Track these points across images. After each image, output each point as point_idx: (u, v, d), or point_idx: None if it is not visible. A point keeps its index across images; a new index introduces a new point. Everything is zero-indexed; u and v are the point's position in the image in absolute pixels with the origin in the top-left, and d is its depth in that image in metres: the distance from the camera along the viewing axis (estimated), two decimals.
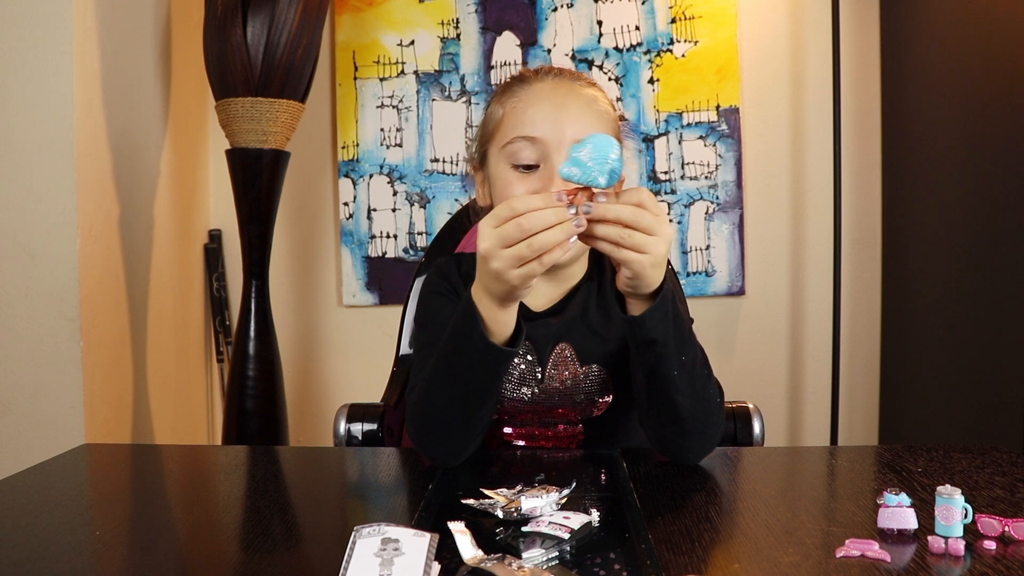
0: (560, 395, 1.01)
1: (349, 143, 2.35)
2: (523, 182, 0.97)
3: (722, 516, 0.73)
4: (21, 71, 1.65)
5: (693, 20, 2.30)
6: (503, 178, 0.99)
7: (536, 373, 1.01)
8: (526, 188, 0.96)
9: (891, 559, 0.61)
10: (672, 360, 0.85)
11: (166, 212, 2.11)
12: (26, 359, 1.67)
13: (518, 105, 0.99)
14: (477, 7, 2.32)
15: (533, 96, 0.99)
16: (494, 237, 0.77)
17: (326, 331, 2.41)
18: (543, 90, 1.00)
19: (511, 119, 0.99)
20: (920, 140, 2.09)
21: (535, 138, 0.96)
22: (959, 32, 1.91)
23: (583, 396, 1.01)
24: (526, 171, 0.97)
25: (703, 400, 0.88)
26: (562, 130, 0.96)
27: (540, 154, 0.96)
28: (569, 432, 1.02)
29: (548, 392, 1.01)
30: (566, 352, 1.02)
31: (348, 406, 1.17)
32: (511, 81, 1.04)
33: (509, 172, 0.98)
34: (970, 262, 1.85)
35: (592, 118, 0.98)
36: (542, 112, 0.97)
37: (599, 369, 1.01)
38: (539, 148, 0.96)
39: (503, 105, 1.02)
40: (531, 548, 0.64)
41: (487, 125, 1.04)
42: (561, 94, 0.99)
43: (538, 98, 0.99)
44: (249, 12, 1.87)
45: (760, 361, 2.35)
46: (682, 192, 2.31)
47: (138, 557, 0.66)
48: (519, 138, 0.97)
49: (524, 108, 0.98)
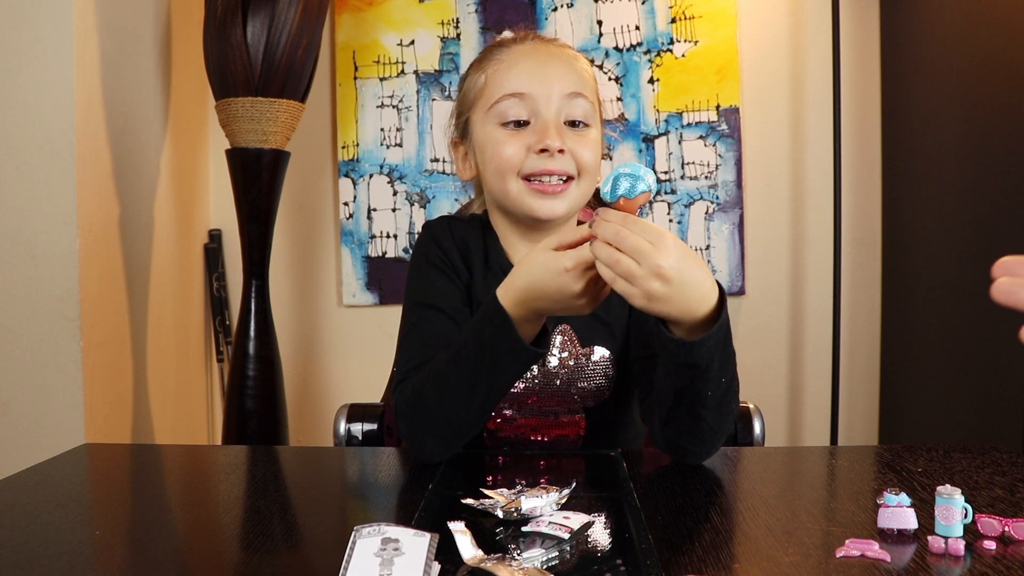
0: (562, 379, 1.00)
1: (349, 143, 2.35)
2: (515, 138, 0.97)
3: (722, 516, 0.73)
4: (21, 71, 1.65)
5: (693, 20, 2.30)
6: (493, 138, 0.98)
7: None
8: (520, 142, 0.96)
9: (891, 559, 0.61)
10: (711, 383, 0.82)
11: (166, 212, 2.11)
12: (26, 359, 1.67)
13: (500, 67, 0.99)
14: (477, 7, 2.32)
15: (516, 56, 1.00)
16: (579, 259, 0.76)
17: (326, 331, 2.41)
18: (525, 50, 1.00)
19: (495, 80, 0.99)
20: (920, 140, 2.09)
21: (524, 93, 0.96)
22: (959, 32, 1.91)
23: (584, 383, 1.00)
24: (516, 128, 0.97)
25: (727, 415, 0.86)
26: (549, 85, 0.96)
27: (530, 110, 0.97)
28: (571, 421, 1.02)
29: (549, 376, 1.00)
30: (567, 334, 1.01)
31: (348, 406, 1.17)
32: (489, 48, 1.05)
33: (498, 131, 0.98)
34: (970, 262, 1.85)
35: (576, 76, 0.99)
36: (527, 68, 0.98)
37: (600, 354, 1.00)
38: (528, 104, 0.97)
39: (484, 70, 1.02)
40: (531, 548, 0.64)
41: (468, 94, 1.04)
42: (543, 52, 1.00)
43: (521, 57, 1.00)
44: (249, 12, 1.87)
45: (760, 361, 2.35)
46: (682, 192, 2.31)
47: (138, 557, 0.66)
48: (507, 96, 0.97)
49: (508, 68, 0.99)
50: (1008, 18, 1.69)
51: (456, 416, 0.88)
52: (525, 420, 1.01)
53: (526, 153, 0.96)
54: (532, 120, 0.97)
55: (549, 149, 0.94)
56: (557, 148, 0.94)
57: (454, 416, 0.88)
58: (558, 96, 0.97)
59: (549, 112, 0.96)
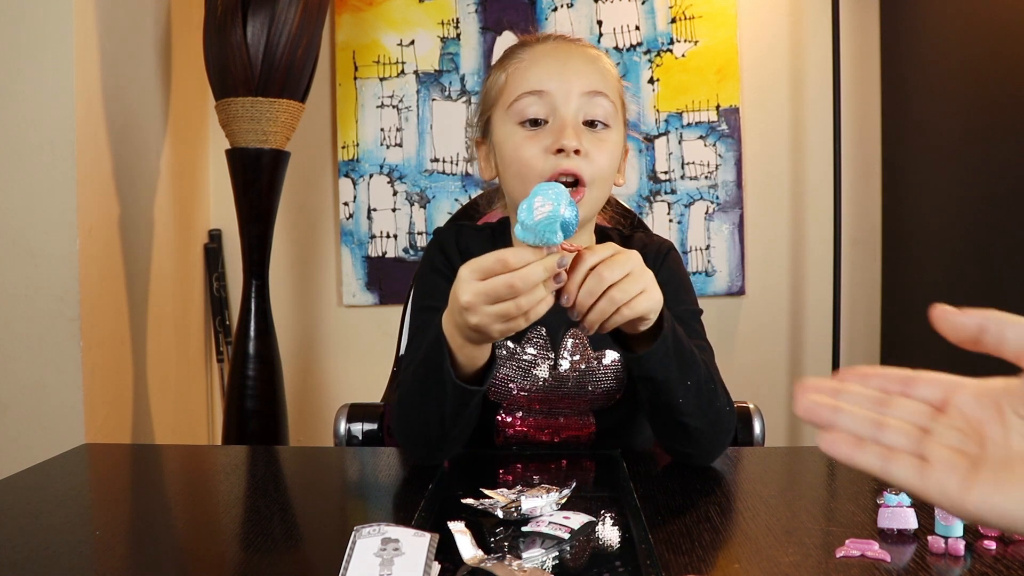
0: (573, 382, 1.00)
1: (349, 143, 2.35)
2: (533, 140, 0.95)
3: (722, 516, 0.73)
4: (21, 71, 1.65)
5: (693, 20, 2.30)
6: (511, 138, 0.97)
7: (549, 357, 1.00)
8: (537, 143, 0.95)
9: (891, 559, 0.61)
10: (675, 390, 0.84)
11: (166, 212, 2.11)
12: (26, 359, 1.67)
13: (521, 65, 0.99)
14: (477, 7, 2.32)
15: (537, 55, 0.99)
16: (479, 292, 0.73)
17: (326, 331, 2.41)
18: (546, 49, 0.99)
19: (515, 79, 0.98)
20: (920, 140, 2.09)
21: (542, 91, 0.95)
22: (959, 32, 1.91)
23: (595, 386, 1.00)
24: (534, 127, 0.96)
25: (711, 414, 0.87)
26: (569, 82, 0.95)
27: (548, 108, 0.95)
28: (581, 423, 1.02)
29: (560, 379, 1.00)
30: (579, 337, 1.01)
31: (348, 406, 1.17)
32: (512, 48, 1.04)
33: (517, 131, 0.97)
34: (970, 262, 1.85)
35: (597, 75, 0.98)
36: (547, 67, 0.97)
37: (612, 357, 1.00)
38: (547, 102, 0.95)
39: (506, 69, 1.01)
40: (531, 548, 0.64)
41: (490, 92, 1.03)
42: (565, 51, 0.99)
43: (542, 55, 0.99)
44: (249, 12, 1.87)
45: (760, 361, 2.35)
46: (682, 192, 2.31)
47: (138, 557, 0.66)
48: (526, 93, 0.96)
49: (528, 66, 0.98)
50: (1008, 18, 1.69)
51: (427, 431, 0.87)
52: (535, 421, 1.01)
53: (544, 156, 0.94)
54: (550, 119, 0.95)
55: (565, 149, 0.92)
56: (573, 148, 0.92)
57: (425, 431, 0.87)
58: (577, 94, 0.95)
59: (567, 111, 0.95)
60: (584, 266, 0.76)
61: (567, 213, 0.71)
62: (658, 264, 1.03)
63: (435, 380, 0.83)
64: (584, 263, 0.76)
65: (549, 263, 0.72)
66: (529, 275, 0.71)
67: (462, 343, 0.80)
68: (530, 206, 0.72)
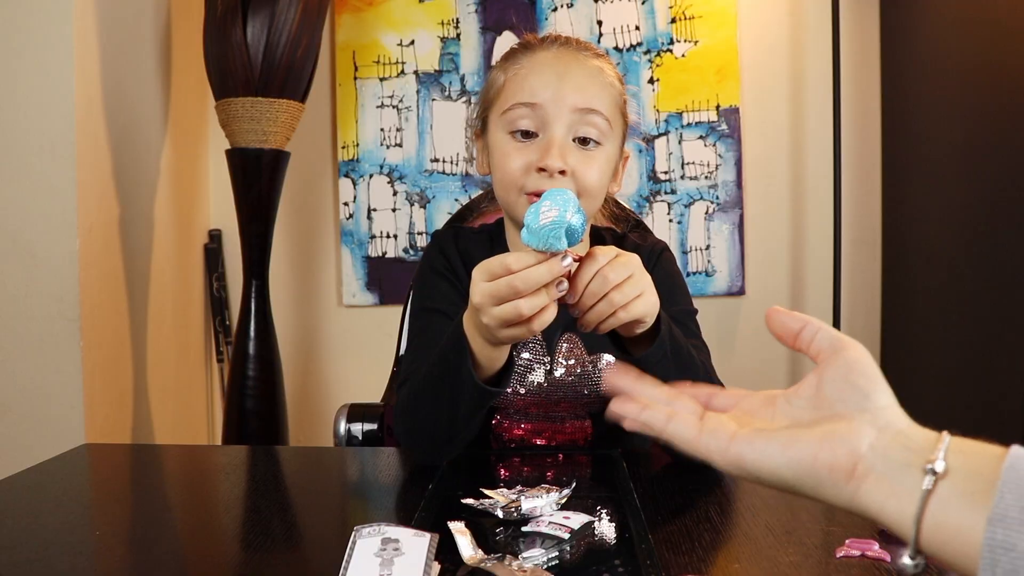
0: (568, 386, 1.00)
1: (349, 143, 2.35)
2: (520, 152, 0.95)
3: (722, 516, 0.73)
4: (21, 71, 1.65)
5: (693, 20, 2.30)
6: (501, 147, 0.97)
7: (544, 361, 1.00)
8: (523, 158, 0.94)
9: (891, 559, 0.61)
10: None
11: (166, 212, 2.11)
12: (26, 359, 1.67)
13: (519, 72, 0.97)
14: (477, 7, 2.32)
15: (535, 63, 0.97)
16: (485, 293, 0.73)
17: (326, 331, 2.41)
18: (546, 58, 0.98)
19: (512, 86, 0.97)
20: (920, 140, 2.09)
21: (535, 104, 0.94)
22: (959, 32, 1.90)
23: (590, 389, 1.00)
24: (524, 139, 0.95)
25: None
26: (563, 98, 0.94)
27: (539, 122, 0.94)
28: (577, 427, 1.01)
29: (555, 384, 1.00)
30: (573, 341, 1.01)
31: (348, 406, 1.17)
32: (516, 47, 1.02)
33: (507, 141, 0.96)
34: (970, 262, 1.85)
35: (596, 89, 0.96)
36: (543, 79, 0.95)
37: (607, 361, 1.00)
38: (538, 115, 0.94)
39: (505, 72, 1.00)
40: (531, 548, 0.64)
41: (489, 91, 1.02)
42: (564, 63, 0.97)
43: (541, 65, 0.97)
44: (249, 12, 1.87)
45: (760, 361, 2.35)
46: (682, 192, 2.31)
47: (138, 557, 0.66)
48: (518, 104, 0.95)
49: (525, 75, 0.96)
50: (1008, 18, 1.69)
51: (435, 430, 0.88)
52: (532, 425, 1.01)
53: (527, 172, 0.94)
54: (540, 133, 0.94)
55: (548, 169, 0.92)
56: (557, 169, 0.92)
57: (434, 430, 0.88)
58: (570, 110, 0.93)
59: (558, 128, 0.93)
60: (595, 265, 0.75)
61: (574, 220, 0.71)
62: (651, 265, 1.03)
63: (453, 379, 0.83)
64: (595, 262, 0.76)
65: (552, 266, 0.72)
66: (530, 277, 0.71)
67: (482, 344, 0.81)
68: (537, 210, 0.71)
